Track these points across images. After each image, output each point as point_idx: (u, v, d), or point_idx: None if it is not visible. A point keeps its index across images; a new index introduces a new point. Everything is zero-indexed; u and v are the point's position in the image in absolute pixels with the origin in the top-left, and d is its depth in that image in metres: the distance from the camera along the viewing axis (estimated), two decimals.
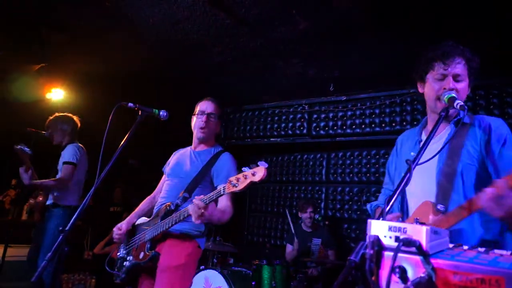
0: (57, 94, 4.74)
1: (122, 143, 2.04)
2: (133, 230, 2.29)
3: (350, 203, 4.91)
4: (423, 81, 1.73)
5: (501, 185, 1.22)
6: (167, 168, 2.43)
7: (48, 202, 3.43)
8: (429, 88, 1.68)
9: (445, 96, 1.55)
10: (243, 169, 1.75)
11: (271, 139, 5.36)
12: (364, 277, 0.91)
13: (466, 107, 1.49)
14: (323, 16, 3.13)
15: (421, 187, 1.60)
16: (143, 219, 2.31)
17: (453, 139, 1.58)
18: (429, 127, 1.77)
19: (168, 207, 2.09)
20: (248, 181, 1.72)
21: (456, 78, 1.61)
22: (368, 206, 2.11)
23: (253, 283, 3.69)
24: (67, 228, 1.69)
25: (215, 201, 1.92)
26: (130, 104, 2.14)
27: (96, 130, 2.76)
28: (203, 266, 3.77)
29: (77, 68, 4.54)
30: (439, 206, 1.42)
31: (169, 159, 2.52)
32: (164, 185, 2.35)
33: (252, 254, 4.63)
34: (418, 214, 1.51)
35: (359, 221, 4.79)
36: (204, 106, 2.37)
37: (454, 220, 1.34)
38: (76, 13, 3.40)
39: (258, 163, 1.73)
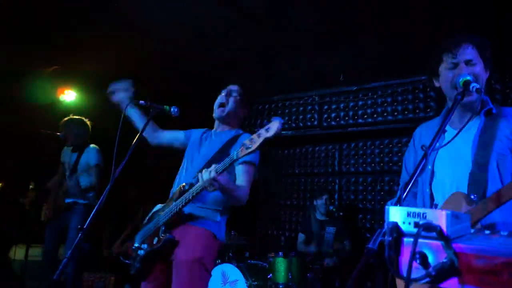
0: (69, 96, 4.82)
1: (135, 140, 2.06)
2: (150, 218, 2.24)
3: (364, 193, 4.87)
4: (437, 76, 1.70)
5: None
6: (186, 150, 2.31)
7: (68, 200, 3.57)
8: (443, 79, 1.65)
9: (460, 80, 1.51)
10: (256, 130, 1.66)
11: (282, 132, 5.32)
12: (383, 264, 0.90)
13: (482, 90, 1.45)
14: (331, 6, 3.09)
15: (451, 178, 1.57)
16: (159, 206, 2.25)
17: (484, 130, 1.56)
18: (453, 117, 1.73)
19: (182, 188, 2.02)
20: (261, 138, 1.61)
21: (468, 63, 1.58)
22: (389, 203, 2.06)
23: (269, 275, 3.70)
24: (85, 226, 1.73)
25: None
26: (141, 102, 2.16)
27: (108, 129, 2.80)
28: (219, 260, 3.80)
29: (88, 70, 4.59)
30: (473, 196, 1.39)
31: (192, 131, 2.40)
32: (180, 168, 2.27)
33: (267, 247, 4.64)
34: (449, 205, 1.48)
35: (374, 211, 4.75)
36: (229, 86, 2.28)
37: (492, 207, 1.30)
38: (86, 15, 3.44)
39: (272, 118, 1.62)
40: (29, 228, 4.59)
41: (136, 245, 2.19)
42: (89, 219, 1.74)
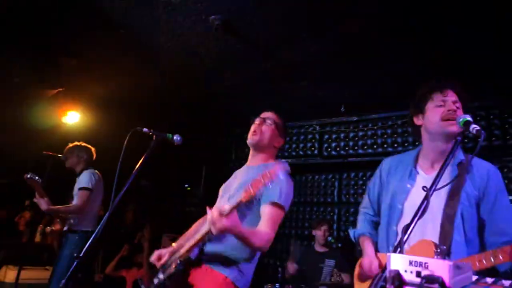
0: (72, 118, 4.85)
1: (136, 168, 2.06)
2: (179, 245, 2.06)
3: None
4: (422, 113, 1.78)
5: None
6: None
7: (64, 228, 3.49)
8: (431, 115, 1.73)
9: (461, 120, 1.53)
10: None
11: (282, 160, 5.33)
12: None
13: (483, 132, 1.47)
14: (333, 38, 3.18)
15: (420, 223, 1.58)
16: (189, 233, 2.13)
17: (455, 181, 1.62)
18: (429, 156, 1.77)
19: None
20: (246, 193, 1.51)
21: (455, 104, 1.69)
22: (351, 232, 2.09)
23: None
24: (81, 254, 1.70)
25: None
26: (145, 129, 2.18)
27: (110, 154, 2.81)
28: None
29: (92, 92, 4.65)
30: (442, 247, 1.42)
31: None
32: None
33: (264, 277, 4.53)
34: (415, 252, 1.49)
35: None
36: (262, 114, 2.17)
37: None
38: (91, 39, 3.52)
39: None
40: (22, 249, 4.50)
41: (158, 272, 2.02)
42: (85, 247, 1.71)
